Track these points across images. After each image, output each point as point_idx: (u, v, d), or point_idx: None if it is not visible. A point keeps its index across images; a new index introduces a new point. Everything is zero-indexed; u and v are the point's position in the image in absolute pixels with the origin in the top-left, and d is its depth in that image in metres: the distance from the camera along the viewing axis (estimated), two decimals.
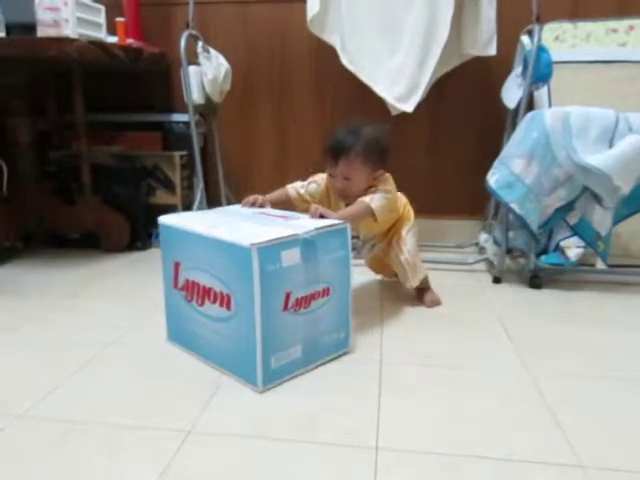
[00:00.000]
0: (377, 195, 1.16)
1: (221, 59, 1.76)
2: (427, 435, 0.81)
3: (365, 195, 1.17)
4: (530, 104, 1.58)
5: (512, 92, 1.59)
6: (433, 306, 1.33)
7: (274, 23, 1.90)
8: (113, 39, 1.73)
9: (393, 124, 1.58)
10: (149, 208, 1.88)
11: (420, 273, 1.33)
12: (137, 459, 0.75)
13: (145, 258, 1.75)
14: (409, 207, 1.34)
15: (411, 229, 1.32)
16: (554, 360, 1.06)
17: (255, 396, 0.92)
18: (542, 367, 1.02)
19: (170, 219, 1.07)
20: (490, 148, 1.65)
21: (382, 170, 1.22)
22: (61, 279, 1.53)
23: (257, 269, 0.87)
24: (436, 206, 1.92)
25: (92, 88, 1.78)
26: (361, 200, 1.16)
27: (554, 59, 1.49)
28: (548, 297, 1.42)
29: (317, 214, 1.05)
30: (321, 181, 1.26)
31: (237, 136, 2.01)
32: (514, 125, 1.54)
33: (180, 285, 1.04)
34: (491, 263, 1.61)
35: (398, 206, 1.29)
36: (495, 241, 1.62)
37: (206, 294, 0.98)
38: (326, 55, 1.78)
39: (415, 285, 1.33)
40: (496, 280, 1.53)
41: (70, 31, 1.47)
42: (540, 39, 1.49)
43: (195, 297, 1.01)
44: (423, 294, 1.36)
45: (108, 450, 0.77)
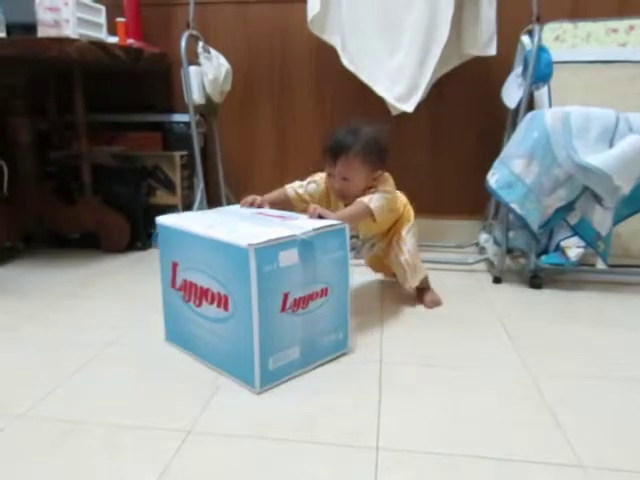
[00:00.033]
0: (376, 195, 1.16)
1: (221, 59, 1.76)
2: (427, 435, 0.81)
3: (364, 195, 1.16)
4: (530, 104, 1.58)
5: (512, 92, 1.59)
6: (433, 306, 1.33)
7: (274, 23, 1.90)
8: (114, 39, 1.73)
9: (393, 124, 1.59)
10: (149, 208, 1.88)
11: (420, 274, 1.32)
12: (137, 459, 0.75)
13: (145, 258, 1.76)
14: (409, 207, 1.34)
15: (411, 229, 1.31)
16: (554, 360, 1.06)
17: (255, 397, 0.92)
18: (542, 367, 1.02)
19: (168, 219, 1.06)
20: (490, 148, 1.65)
21: (381, 170, 1.21)
22: (61, 279, 1.53)
23: (254, 270, 0.87)
24: (436, 206, 1.92)
25: (92, 88, 1.78)
26: (360, 200, 1.15)
27: (554, 59, 1.49)
28: (548, 297, 1.42)
29: (315, 214, 1.04)
30: (320, 181, 1.25)
31: (237, 136, 2.01)
32: (514, 125, 1.54)
33: (178, 285, 1.04)
34: (491, 263, 1.61)
35: (398, 206, 1.29)
36: (495, 241, 1.62)
37: (204, 295, 0.97)
38: (326, 55, 1.78)
39: (414, 286, 1.32)
40: (496, 280, 1.53)
41: (71, 31, 1.47)
42: (540, 39, 1.49)
43: (193, 298, 1.01)
44: (423, 294, 1.36)
45: (108, 450, 0.77)
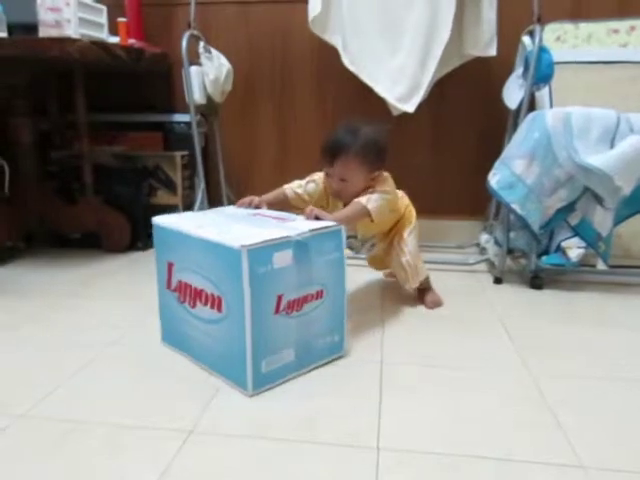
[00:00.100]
0: (374, 196, 1.14)
1: (222, 59, 1.76)
2: (428, 435, 0.81)
3: (362, 195, 1.15)
4: (531, 105, 1.58)
5: (513, 93, 1.59)
6: (434, 307, 1.33)
7: (276, 23, 1.90)
8: (115, 39, 1.73)
9: (394, 124, 1.59)
10: (150, 208, 1.87)
11: (420, 275, 1.32)
12: (138, 459, 0.75)
13: (145, 258, 1.75)
14: (411, 208, 1.33)
15: (413, 231, 1.31)
16: (555, 360, 1.06)
17: (254, 397, 0.91)
18: (543, 367, 1.02)
19: (163, 219, 1.05)
20: (491, 148, 1.65)
21: (380, 171, 1.19)
22: (62, 279, 1.53)
23: (247, 271, 0.86)
24: (437, 206, 1.92)
25: (94, 88, 1.78)
26: (357, 201, 1.14)
27: (555, 60, 1.49)
28: (549, 298, 1.42)
29: (312, 215, 1.03)
30: (319, 180, 1.24)
31: (238, 136, 2.01)
32: (515, 126, 1.54)
33: (173, 286, 1.04)
34: (492, 263, 1.61)
35: (399, 206, 1.28)
36: (496, 241, 1.61)
37: (198, 296, 0.97)
38: (327, 55, 1.78)
39: (414, 287, 1.32)
40: (497, 280, 1.53)
41: (72, 31, 1.48)
42: (541, 40, 1.49)
43: (187, 298, 1.00)
44: (424, 294, 1.36)
45: (109, 450, 0.77)
